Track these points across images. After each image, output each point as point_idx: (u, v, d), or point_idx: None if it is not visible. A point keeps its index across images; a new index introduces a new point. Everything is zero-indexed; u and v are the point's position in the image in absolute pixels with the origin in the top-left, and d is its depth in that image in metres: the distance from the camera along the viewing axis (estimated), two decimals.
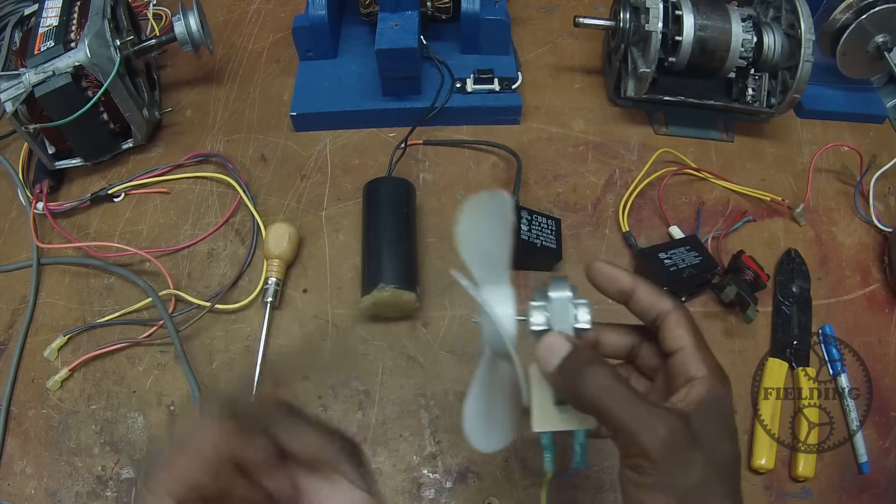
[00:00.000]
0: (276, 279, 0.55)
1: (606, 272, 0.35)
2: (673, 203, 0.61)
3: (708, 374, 0.31)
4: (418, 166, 0.63)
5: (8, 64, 0.57)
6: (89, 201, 0.61)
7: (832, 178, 0.64)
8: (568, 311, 0.32)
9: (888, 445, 0.51)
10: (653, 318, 0.34)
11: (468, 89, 0.64)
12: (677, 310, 0.33)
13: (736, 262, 0.55)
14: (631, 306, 0.34)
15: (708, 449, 0.29)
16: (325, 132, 0.65)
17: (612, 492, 0.48)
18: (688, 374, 0.31)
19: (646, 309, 0.34)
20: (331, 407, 0.52)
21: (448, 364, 0.53)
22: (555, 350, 0.31)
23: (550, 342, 0.32)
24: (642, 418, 0.29)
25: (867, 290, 0.58)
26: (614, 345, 0.37)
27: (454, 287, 0.56)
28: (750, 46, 0.59)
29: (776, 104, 0.61)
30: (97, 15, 0.57)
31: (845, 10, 0.61)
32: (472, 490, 0.49)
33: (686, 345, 0.32)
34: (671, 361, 0.33)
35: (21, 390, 0.53)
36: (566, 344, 0.31)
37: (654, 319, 0.34)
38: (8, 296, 0.58)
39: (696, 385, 0.31)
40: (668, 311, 0.33)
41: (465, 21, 0.64)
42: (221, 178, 0.62)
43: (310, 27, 0.64)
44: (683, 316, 0.33)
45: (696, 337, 0.32)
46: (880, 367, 0.54)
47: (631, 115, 0.67)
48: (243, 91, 0.69)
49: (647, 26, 0.57)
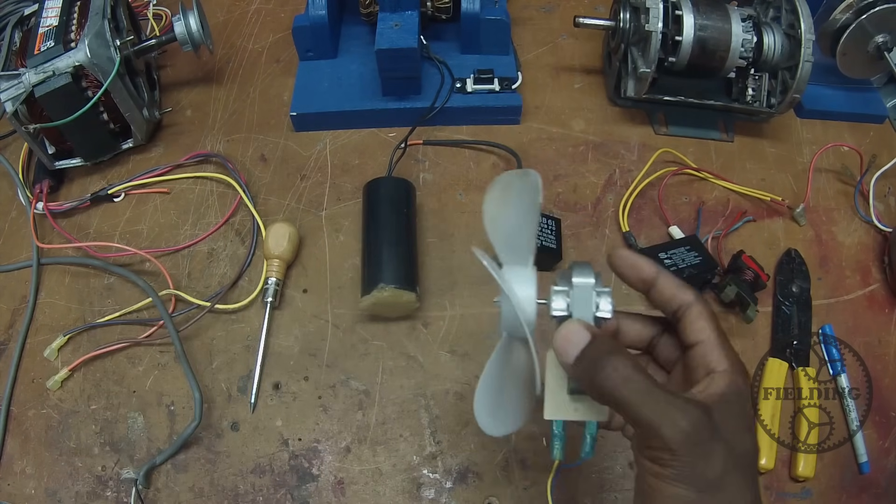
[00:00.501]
0: (276, 279, 0.55)
1: (629, 259, 0.34)
2: (673, 203, 0.61)
3: (729, 368, 0.31)
4: (418, 166, 0.63)
5: (8, 64, 0.57)
6: (89, 201, 0.61)
7: (832, 178, 0.64)
8: (590, 299, 0.31)
9: (888, 445, 0.51)
10: (674, 309, 0.33)
11: (468, 89, 0.64)
12: (699, 302, 0.33)
13: (736, 262, 0.55)
14: (652, 296, 0.34)
15: (728, 441, 0.29)
16: (325, 132, 0.65)
17: (612, 492, 0.48)
18: (708, 366, 0.31)
19: (667, 299, 0.33)
20: (331, 407, 0.52)
21: (448, 364, 0.53)
22: (573, 339, 0.30)
23: (569, 331, 0.31)
24: (663, 410, 0.28)
25: (867, 290, 0.58)
26: (636, 335, 0.36)
27: (454, 287, 0.56)
28: (750, 46, 0.59)
29: (776, 104, 0.61)
30: (97, 15, 0.57)
31: (845, 10, 0.61)
32: (472, 490, 0.49)
33: (707, 337, 0.32)
34: (691, 353, 0.32)
35: (21, 390, 0.53)
36: (585, 333, 0.30)
37: (675, 311, 0.33)
38: (8, 296, 0.58)
39: (717, 378, 0.31)
40: (690, 303, 0.33)
41: (465, 21, 0.64)
42: (221, 178, 0.62)
43: (310, 27, 0.64)
44: (705, 308, 0.33)
45: (717, 330, 0.32)
46: (880, 367, 0.54)
47: (631, 115, 0.67)
48: (243, 91, 0.69)
49: (647, 26, 0.57)
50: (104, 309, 0.56)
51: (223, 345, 0.54)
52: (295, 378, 0.53)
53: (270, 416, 0.51)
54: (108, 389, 0.53)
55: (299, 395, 0.52)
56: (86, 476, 0.49)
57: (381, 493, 0.49)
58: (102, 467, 0.50)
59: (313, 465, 0.50)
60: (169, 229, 0.60)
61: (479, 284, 0.57)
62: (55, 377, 0.52)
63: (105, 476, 0.49)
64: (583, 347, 0.30)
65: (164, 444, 0.50)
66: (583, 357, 0.30)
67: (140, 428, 0.51)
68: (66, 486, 0.49)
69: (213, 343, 0.54)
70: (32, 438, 0.51)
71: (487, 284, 0.56)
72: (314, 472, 0.49)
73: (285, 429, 0.51)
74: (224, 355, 0.54)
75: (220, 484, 0.49)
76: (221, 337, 0.55)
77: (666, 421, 0.28)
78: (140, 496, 0.47)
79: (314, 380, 0.53)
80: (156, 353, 0.54)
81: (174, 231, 0.60)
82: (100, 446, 0.50)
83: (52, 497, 0.49)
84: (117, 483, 0.49)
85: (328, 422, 0.51)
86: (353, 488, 0.49)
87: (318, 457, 0.50)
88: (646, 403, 0.28)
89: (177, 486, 0.49)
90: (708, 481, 0.28)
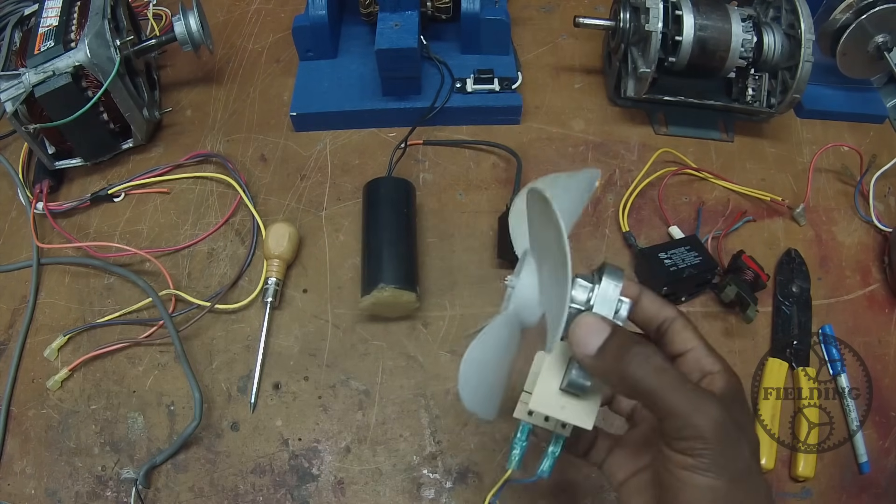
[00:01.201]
0: (276, 279, 0.55)
1: None
2: (673, 203, 0.61)
3: (723, 369, 0.32)
4: (418, 166, 0.63)
5: (8, 64, 0.57)
6: (89, 201, 0.61)
7: (832, 178, 0.64)
8: (614, 301, 0.31)
9: (888, 445, 0.51)
10: (657, 325, 0.34)
11: (468, 89, 0.64)
12: (682, 316, 0.34)
13: (736, 262, 0.55)
14: (635, 315, 0.34)
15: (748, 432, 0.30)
16: (325, 132, 0.65)
17: (613, 491, 0.48)
18: (703, 369, 0.32)
19: (651, 316, 0.34)
20: (331, 407, 0.52)
21: (448, 364, 0.53)
22: (596, 329, 0.30)
23: (590, 321, 0.30)
24: (694, 399, 0.29)
25: (867, 290, 0.58)
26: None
27: (454, 287, 0.56)
28: (750, 46, 0.59)
29: (776, 104, 0.61)
30: (97, 15, 0.57)
31: (845, 10, 0.61)
32: (472, 490, 0.49)
33: (696, 345, 0.33)
34: (682, 360, 0.33)
35: (21, 390, 0.53)
36: (606, 325, 0.30)
37: (658, 326, 0.34)
38: (8, 296, 0.58)
39: (716, 378, 0.32)
40: (674, 318, 0.34)
41: (465, 21, 0.64)
42: (221, 178, 0.62)
43: (310, 27, 0.64)
44: (688, 322, 0.34)
45: (703, 339, 0.33)
46: (880, 367, 0.54)
47: (631, 115, 0.67)
48: (243, 91, 0.69)
49: (647, 26, 0.57)
50: (104, 309, 0.56)
51: (223, 345, 0.54)
52: (295, 378, 0.53)
53: (270, 416, 0.51)
54: (108, 389, 0.53)
55: (299, 395, 0.52)
56: (86, 476, 0.49)
57: (381, 493, 0.49)
58: (102, 467, 0.50)
59: (313, 465, 0.50)
60: (169, 229, 0.60)
61: (479, 284, 0.57)
62: (55, 377, 0.52)
63: (105, 476, 0.49)
64: (606, 338, 0.30)
65: (164, 444, 0.50)
66: (606, 347, 0.30)
67: (140, 428, 0.51)
68: (66, 486, 0.49)
69: (213, 343, 0.54)
70: (32, 438, 0.51)
71: (487, 284, 0.57)
72: (314, 472, 0.49)
73: (285, 429, 0.51)
74: (224, 355, 0.54)
75: (220, 484, 0.49)
76: (221, 337, 0.55)
77: (698, 410, 0.28)
78: (140, 496, 0.47)
79: (314, 380, 0.53)
80: (156, 353, 0.54)
81: (174, 231, 0.60)
82: (100, 446, 0.50)
83: (52, 497, 0.49)
84: (117, 483, 0.49)
85: (328, 422, 0.51)
86: (353, 488, 0.49)
87: (318, 457, 0.50)
88: (678, 392, 0.29)
89: (177, 486, 0.49)
90: (739, 470, 0.29)
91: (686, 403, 0.28)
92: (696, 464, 0.28)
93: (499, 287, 0.56)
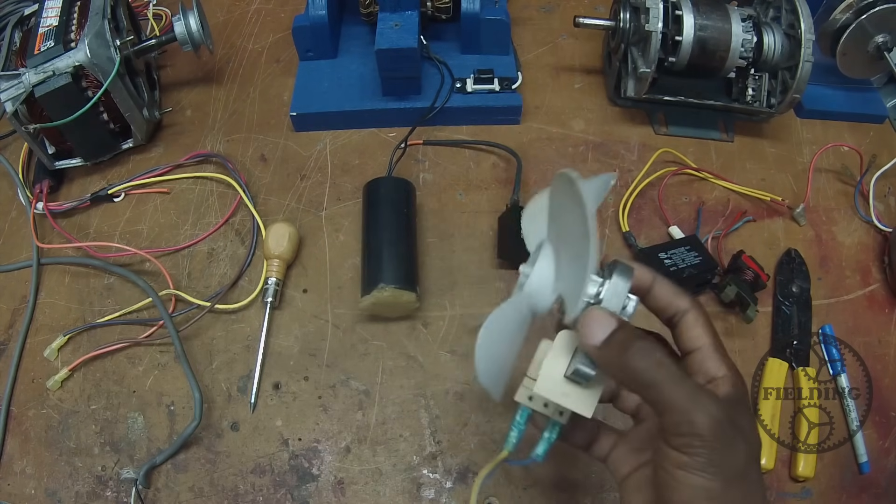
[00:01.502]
0: (276, 279, 0.55)
1: None
2: (673, 203, 0.61)
3: (728, 373, 0.32)
4: (418, 166, 0.63)
5: (8, 64, 0.57)
6: (89, 201, 0.61)
7: (832, 178, 0.64)
8: (622, 298, 0.32)
9: (888, 445, 0.51)
10: (669, 315, 0.34)
11: (468, 89, 0.64)
12: (695, 309, 0.33)
13: (736, 262, 0.55)
14: (648, 302, 0.34)
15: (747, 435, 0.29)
16: (325, 132, 0.65)
17: (612, 491, 0.48)
18: (708, 373, 0.32)
19: (663, 306, 0.34)
20: (331, 407, 0.52)
21: (448, 364, 0.53)
22: (603, 322, 0.31)
23: (598, 314, 0.31)
24: (694, 396, 0.29)
25: (867, 290, 0.58)
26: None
27: (454, 287, 0.56)
28: (750, 46, 0.59)
29: (776, 104, 0.61)
30: (97, 15, 0.57)
31: (845, 10, 0.61)
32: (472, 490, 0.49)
33: (704, 344, 0.32)
34: (688, 360, 0.33)
35: (21, 390, 0.53)
36: (613, 320, 0.31)
37: (670, 317, 0.34)
38: (8, 296, 0.58)
39: (720, 383, 0.31)
40: (686, 310, 0.33)
41: (465, 21, 0.64)
42: (221, 178, 0.62)
43: (310, 27, 0.64)
44: (701, 315, 0.33)
45: (713, 337, 0.33)
46: (880, 367, 0.54)
47: (631, 115, 0.67)
48: (243, 91, 0.69)
49: (647, 26, 0.57)
50: (104, 309, 0.56)
51: (223, 345, 0.54)
52: (295, 378, 0.53)
53: (270, 416, 0.51)
54: (108, 389, 0.53)
55: (299, 395, 0.52)
56: (86, 476, 0.49)
57: (381, 493, 0.49)
58: (102, 467, 0.50)
59: (313, 465, 0.50)
60: (169, 229, 0.60)
61: (479, 284, 0.57)
62: (55, 377, 0.52)
63: (105, 476, 0.49)
64: (612, 331, 0.30)
65: (164, 444, 0.50)
66: (611, 339, 0.30)
67: (140, 428, 0.51)
68: (66, 486, 0.49)
69: (213, 343, 0.54)
70: (32, 438, 0.51)
71: (487, 284, 0.57)
72: (314, 472, 0.49)
73: (285, 429, 0.51)
74: (224, 355, 0.54)
75: (220, 484, 0.49)
76: (221, 337, 0.55)
77: (697, 406, 0.28)
78: (140, 496, 0.47)
79: (314, 380, 0.53)
80: (156, 353, 0.54)
81: (174, 231, 0.60)
82: (100, 446, 0.50)
83: (52, 497, 0.49)
84: (117, 483, 0.49)
85: (328, 422, 0.51)
86: (353, 488, 0.49)
87: (318, 457, 0.50)
88: (678, 387, 0.29)
89: (177, 486, 0.49)
90: (735, 471, 0.28)
91: (685, 399, 0.28)
92: (691, 463, 0.28)
93: (499, 287, 0.57)
